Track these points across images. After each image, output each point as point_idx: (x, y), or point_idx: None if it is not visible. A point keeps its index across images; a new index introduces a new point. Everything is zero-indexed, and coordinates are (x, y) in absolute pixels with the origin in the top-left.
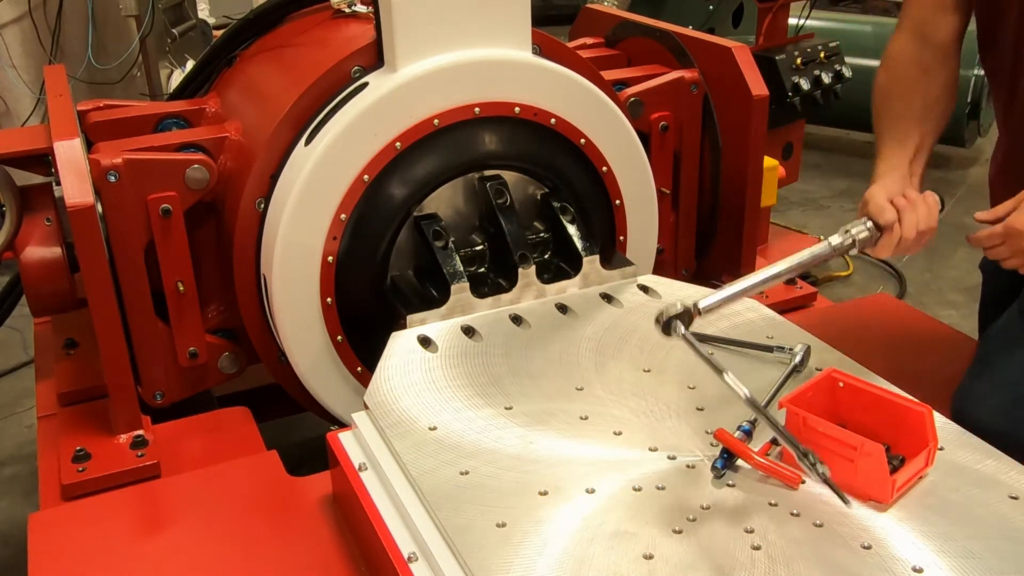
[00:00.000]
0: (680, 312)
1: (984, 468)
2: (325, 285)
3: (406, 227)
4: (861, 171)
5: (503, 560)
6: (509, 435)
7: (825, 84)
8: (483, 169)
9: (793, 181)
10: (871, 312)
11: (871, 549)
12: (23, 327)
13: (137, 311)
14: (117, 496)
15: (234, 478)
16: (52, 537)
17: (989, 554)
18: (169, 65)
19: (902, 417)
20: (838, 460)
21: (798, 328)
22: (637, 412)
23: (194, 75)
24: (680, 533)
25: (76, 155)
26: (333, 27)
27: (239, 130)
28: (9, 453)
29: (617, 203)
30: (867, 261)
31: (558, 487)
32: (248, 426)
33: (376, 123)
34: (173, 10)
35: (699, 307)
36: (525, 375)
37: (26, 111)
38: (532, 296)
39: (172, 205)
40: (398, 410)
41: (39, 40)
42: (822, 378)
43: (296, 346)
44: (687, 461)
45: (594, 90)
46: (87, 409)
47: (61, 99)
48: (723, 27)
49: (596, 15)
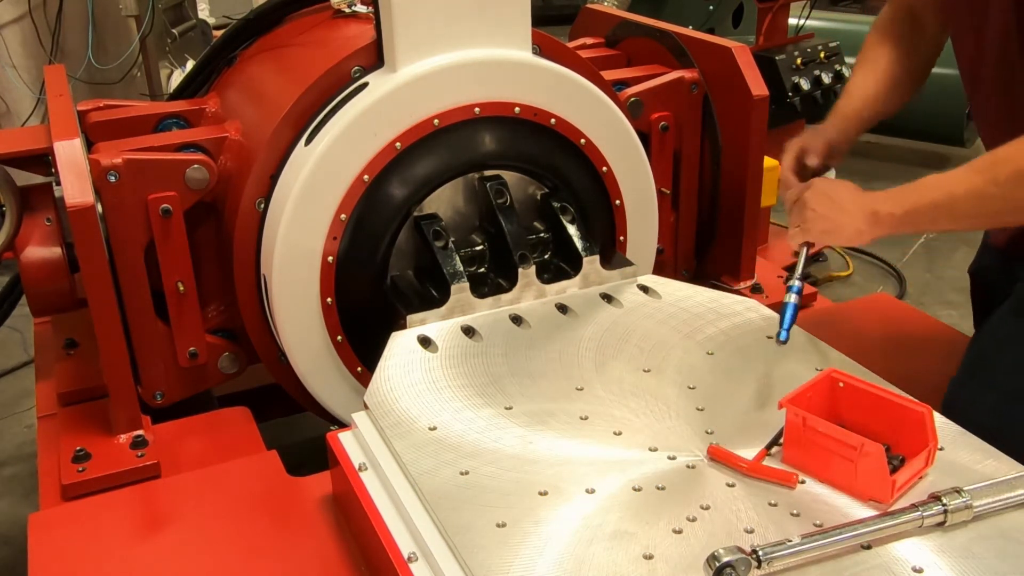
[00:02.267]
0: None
1: (984, 468)
2: (325, 285)
3: (406, 227)
4: (861, 171)
5: (503, 560)
6: (509, 435)
7: (825, 84)
8: (483, 169)
9: None
10: (871, 312)
11: (871, 549)
12: (23, 327)
13: (137, 311)
14: (117, 496)
15: (234, 478)
16: (52, 537)
17: (989, 554)
18: (169, 65)
19: (902, 417)
20: (838, 460)
21: (798, 328)
22: (637, 412)
23: (194, 75)
24: (680, 533)
25: (76, 155)
26: (333, 27)
27: (239, 130)
28: (9, 453)
29: (617, 203)
30: (867, 261)
31: (558, 487)
32: (248, 426)
33: (376, 123)
34: (173, 10)
35: (759, 555)
36: (525, 375)
37: (26, 111)
38: (532, 296)
39: (172, 205)
40: (398, 410)
41: (39, 40)
42: (822, 378)
43: (296, 346)
44: (687, 461)
45: (594, 90)
46: (87, 409)
47: (61, 99)
48: (723, 27)
49: (596, 15)
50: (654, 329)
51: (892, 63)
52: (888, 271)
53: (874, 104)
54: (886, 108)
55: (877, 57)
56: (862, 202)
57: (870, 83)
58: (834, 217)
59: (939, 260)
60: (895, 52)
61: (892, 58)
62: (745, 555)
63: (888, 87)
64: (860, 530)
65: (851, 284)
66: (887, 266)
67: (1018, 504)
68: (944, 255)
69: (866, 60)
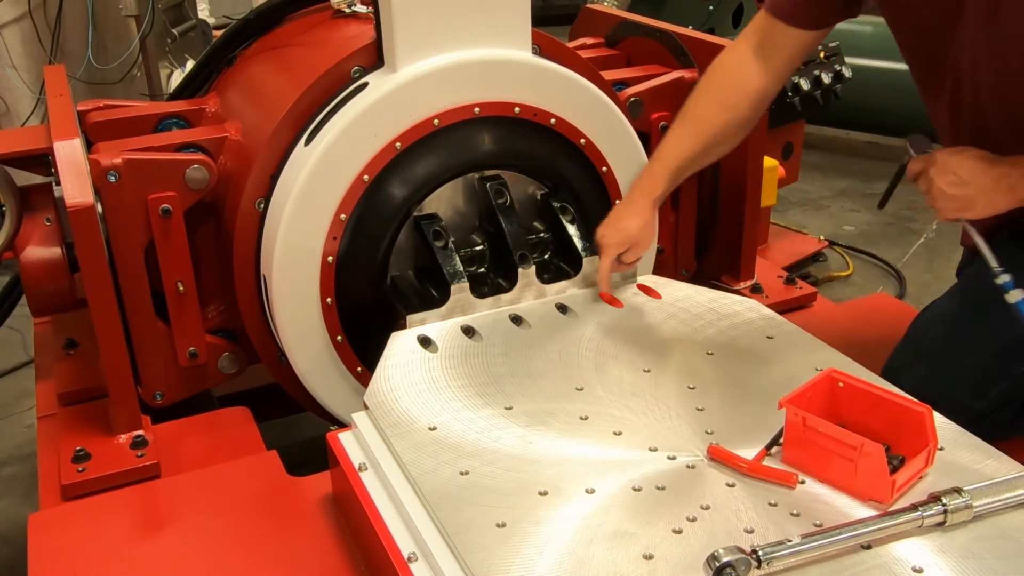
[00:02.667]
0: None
1: (984, 468)
2: (325, 285)
3: (406, 227)
4: (861, 171)
5: (503, 560)
6: (509, 435)
7: (825, 84)
8: (483, 169)
9: (793, 181)
10: (871, 312)
11: (871, 549)
12: (23, 327)
13: (137, 311)
14: (117, 496)
15: (234, 478)
16: (52, 537)
17: (989, 554)
18: (169, 65)
19: (902, 417)
20: (838, 460)
21: (798, 328)
22: (637, 412)
23: (194, 75)
24: (680, 533)
25: (76, 155)
26: (333, 27)
27: (239, 130)
28: (9, 453)
29: (617, 203)
30: (867, 261)
31: (558, 487)
32: (248, 426)
33: (376, 123)
34: (173, 10)
35: (759, 555)
36: (525, 375)
37: (26, 111)
38: (532, 296)
39: (172, 205)
40: (398, 410)
41: (39, 40)
42: (822, 378)
43: (296, 346)
44: (687, 461)
45: (594, 90)
46: (87, 409)
47: (61, 99)
48: (723, 27)
49: (596, 15)
50: (654, 329)
51: (714, 118)
52: (888, 271)
53: (690, 166)
54: (704, 165)
55: (700, 114)
56: (994, 174)
57: (689, 142)
58: (964, 194)
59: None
60: (717, 107)
61: (713, 112)
62: (745, 555)
63: (709, 146)
64: (860, 530)
65: (851, 284)
66: (887, 266)
67: (1018, 504)
68: (944, 255)
69: (688, 115)
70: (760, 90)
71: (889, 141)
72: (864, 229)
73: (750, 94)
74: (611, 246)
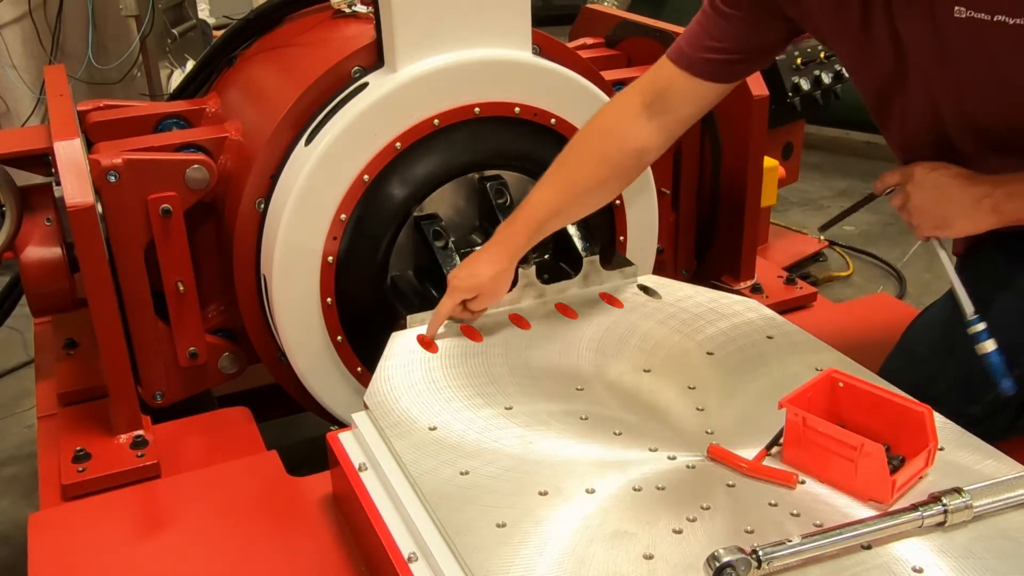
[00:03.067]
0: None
1: (984, 468)
2: (325, 285)
3: (406, 227)
4: (861, 171)
5: (503, 560)
6: (509, 435)
7: (825, 84)
8: (483, 169)
9: (793, 181)
10: (871, 312)
11: (871, 549)
12: (23, 327)
13: (137, 311)
14: (117, 496)
15: (234, 478)
16: (52, 537)
17: (989, 554)
18: (169, 65)
19: (902, 417)
20: (838, 460)
21: (798, 328)
22: (637, 412)
23: (194, 75)
24: (680, 533)
25: (76, 155)
26: (333, 27)
27: (239, 130)
28: (9, 453)
29: (617, 203)
30: (867, 261)
31: (558, 487)
32: (248, 426)
33: (376, 123)
34: (173, 10)
35: (759, 555)
36: (525, 375)
37: (26, 111)
38: (532, 296)
39: (172, 205)
40: (398, 410)
41: (39, 40)
42: (822, 378)
43: (296, 346)
44: (687, 461)
45: (594, 90)
46: (87, 409)
47: (61, 99)
48: None
49: (596, 15)
50: (654, 329)
51: (590, 173)
52: (888, 271)
53: (558, 219)
54: (576, 218)
55: (574, 167)
56: (975, 192)
57: (558, 196)
58: (943, 212)
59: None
60: (595, 162)
61: (591, 167)
62: (745, 555)
63: (582, 200)
64: (860, 530)
65: (851, 284)
66: (887, 266)
67: (1018, 504)
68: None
69: (562, 165)
70: (644, 149)
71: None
72: (864, 229)
73: (632, 153)
74: (458, 290)
